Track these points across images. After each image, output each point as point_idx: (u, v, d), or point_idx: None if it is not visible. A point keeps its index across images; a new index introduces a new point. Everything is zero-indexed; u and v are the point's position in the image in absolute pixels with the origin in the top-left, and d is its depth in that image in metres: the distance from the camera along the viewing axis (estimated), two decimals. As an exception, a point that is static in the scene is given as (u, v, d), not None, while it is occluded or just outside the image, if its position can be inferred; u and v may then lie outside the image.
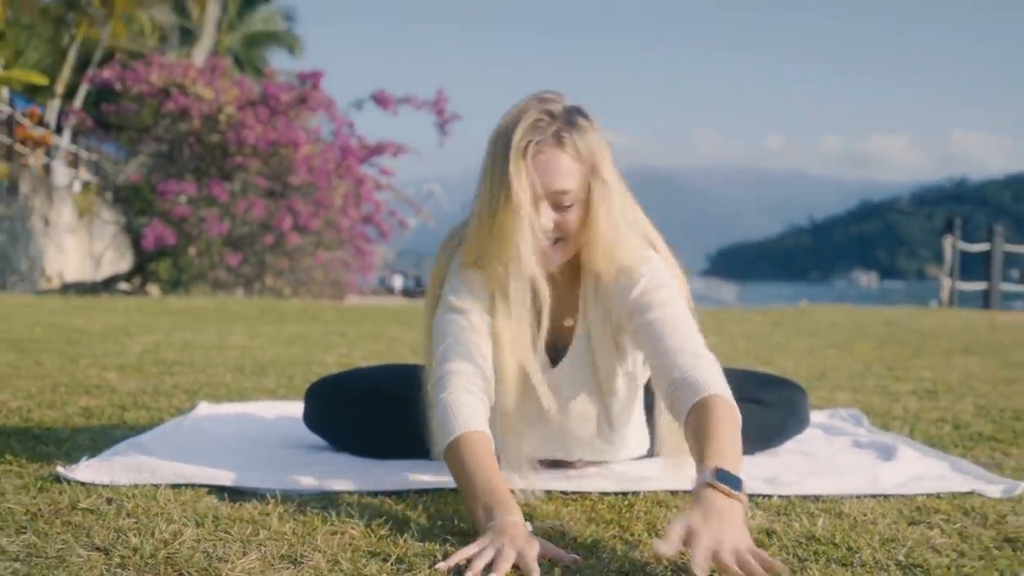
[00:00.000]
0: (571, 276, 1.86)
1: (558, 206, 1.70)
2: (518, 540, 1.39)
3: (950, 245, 12.63)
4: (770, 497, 1.80)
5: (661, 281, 1.80)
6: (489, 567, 1.34)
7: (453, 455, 1.62)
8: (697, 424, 1.59)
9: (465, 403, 1.68)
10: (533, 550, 1.37)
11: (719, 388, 1.65)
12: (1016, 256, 15.33)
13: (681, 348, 1.72)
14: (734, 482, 1.44)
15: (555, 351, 1.89)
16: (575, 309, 1.88)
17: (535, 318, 1.79)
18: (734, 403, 1.66)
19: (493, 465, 1.60)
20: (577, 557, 1.39)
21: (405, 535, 1.51)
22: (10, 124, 17.34)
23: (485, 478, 1.56)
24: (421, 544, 1.47)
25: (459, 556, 1.37)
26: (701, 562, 1.27)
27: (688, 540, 1.32)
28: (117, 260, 17.67)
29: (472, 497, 1.55)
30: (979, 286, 12.97)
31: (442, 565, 1.36)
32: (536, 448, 1.92)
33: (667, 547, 1.30)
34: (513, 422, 1.77)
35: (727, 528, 1.35)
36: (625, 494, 1.80)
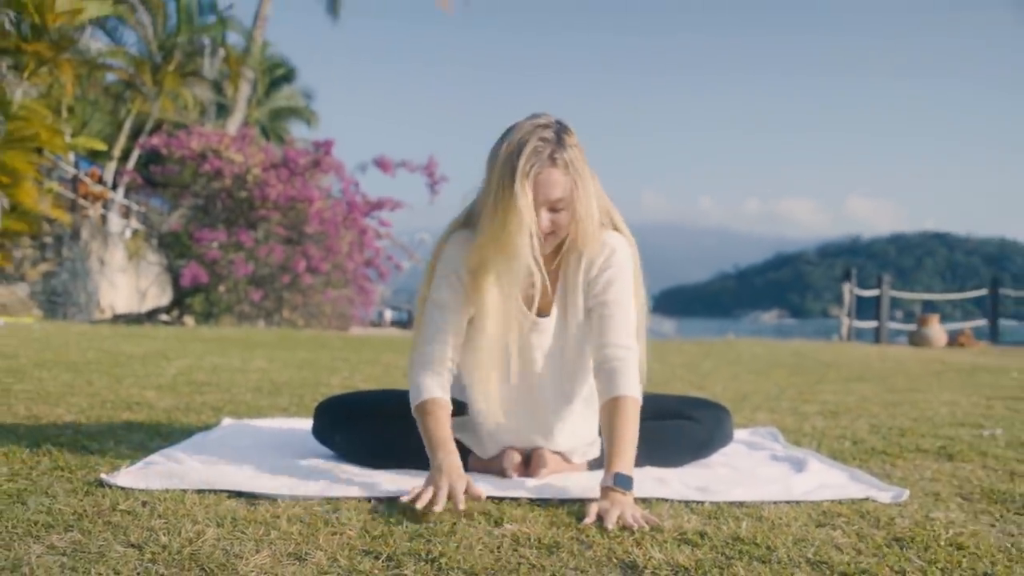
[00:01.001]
0: (552, 256, 1.95)
1: (554, 210, 1.83)
2: (452, 475, 1.67)
3: (848, 290, 12.76)
4: (702, 503, 1.77)
5: (621, 265, 1.93)
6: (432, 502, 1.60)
7: (418, 414, 1.86)
8: (609, 421, 1.81)
9: (428, 379, 1.88)
10: (461, 484, 1.65)
11: (629, 388, 1.83)
12: (899, 300, 15.53)
13: (618, 343, 1.87)
14: (627, 483, 1.70)
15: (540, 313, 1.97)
16: (555, 281, 1.96)
17: (527, 298, 1.94)
18: (638, 396, 1.84)
19: (444, 423, 1.84)
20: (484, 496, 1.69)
21: (395, 536, 1.48)
22: (75, 182, 17.42)
23: (438, 432, 1.81)
24: (409, 544, 1.44)
25: (413, 493, 1.64)
26: (612, 522, 1.57)
27: (600, 516, 1.60)
28: (159, 295, 17.54)
29: (428, 444, 1.80)
30: (871, 324, 13.10)
31: (405, 498, 1.64)
32: (504, 429, 1.98)
33: (587, 520, 1.59)
34: (487, 373, 1.90)
35: (625, 508, 1.63)
36: (581, 501, 1.76)
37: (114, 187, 20.22)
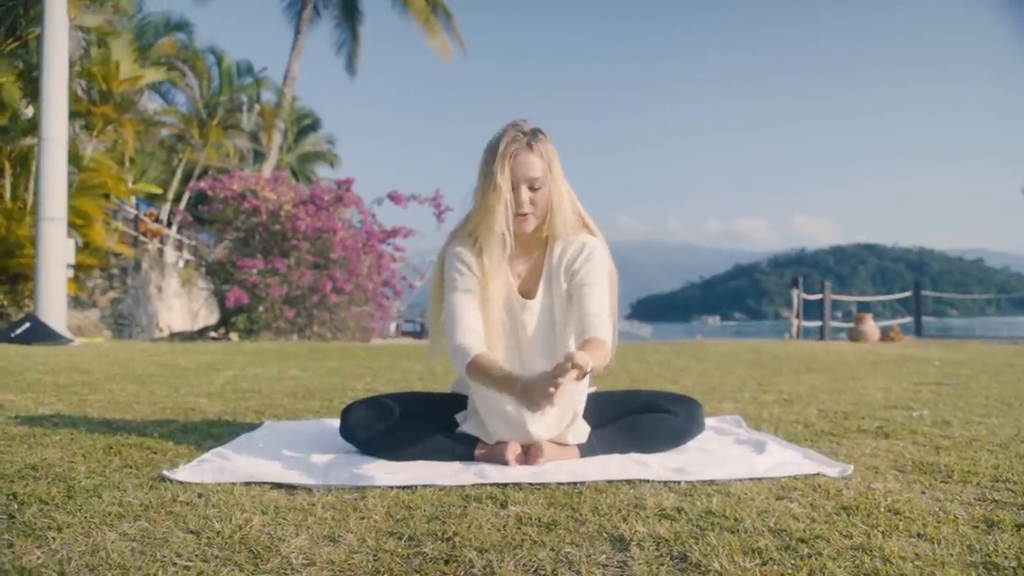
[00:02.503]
0: (539, 247, 2.03)
1: (531, 188, 1.90)
2: (536, 394, 1.68)
3: (796, 295, 12.75)
4: (679, 483, 1.76)
5: (598, 260, 1.99)
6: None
7: (472, 370, 1.85)
8: (580, 346, 1.86)
9: (472, 343, 1.88)
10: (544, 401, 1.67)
11: (602, 333, 1.87)
12: (839, 302, 15.57)
13: (593, 312, 1.91)
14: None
15: (528, 297, 2.03)
16: (541, 268, 2.03)
17: (507, 263, 1.99)
18: (607, 343, 1.87)
19: (497, 365, 1.84)
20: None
21: (415, 518, 1.47)
22: (136, 221, 17.52)
23: (499, 371, 1.81)
24: (427, 525, 1.43)
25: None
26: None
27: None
28: (208, 315, 17.48)
29: (500, 384, 1.79)
30: (816, 324, 13.09)
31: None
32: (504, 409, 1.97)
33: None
34: (496, 331, 1.95)
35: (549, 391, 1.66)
36: (575, 484, 1.75)
37: (169, 224, 20.26)
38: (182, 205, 19.19)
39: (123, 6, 14.95)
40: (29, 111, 12.28)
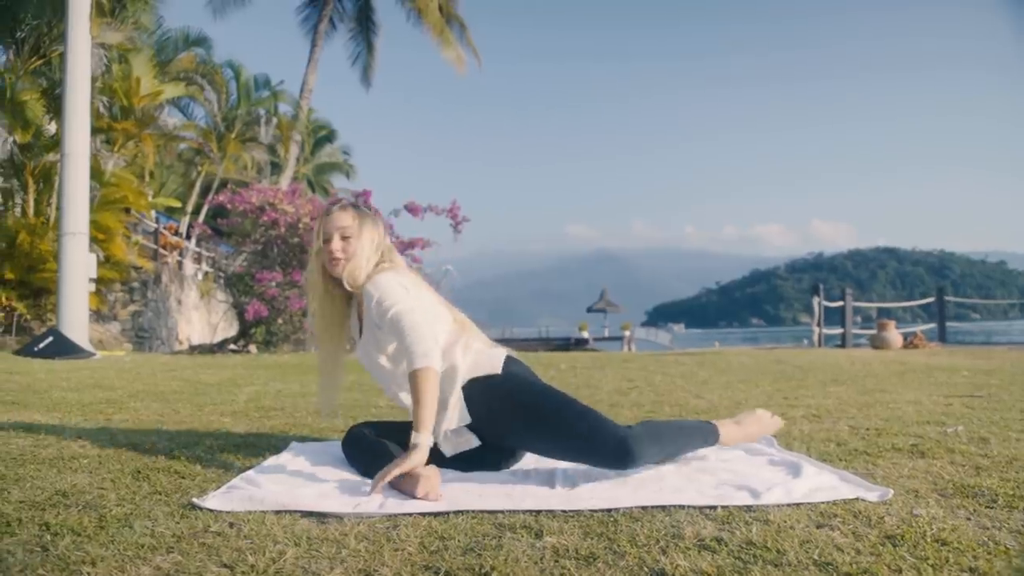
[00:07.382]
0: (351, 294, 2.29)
1: (343, 238, 2.19)
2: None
3: (817, 302, 12.63)
4: (715, 508, 1.71)
5: (385, 294, 2.08)
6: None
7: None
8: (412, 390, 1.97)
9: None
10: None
11: (417, 364, 1.95)
12: (859, 308, 15.40)
13: (407, 346, 2.00)
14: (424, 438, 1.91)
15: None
16: (361, 312, 2.26)
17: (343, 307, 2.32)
18: (422, 367, 1.95)
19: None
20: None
21: (450, 550, 1.44)
22: (156, 235, 17.65)
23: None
24: (462, 558, 1.40)
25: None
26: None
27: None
28: (227, 328, 17.59)
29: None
30: (837, 331, 12.94)
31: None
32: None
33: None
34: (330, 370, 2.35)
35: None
36: (609, 511, 1.70)
37: (188, 237, 20.44)
38: (201, 218, 19.37)
39: (143, 23, 15.14)
40: (52, 127, 12.44)
